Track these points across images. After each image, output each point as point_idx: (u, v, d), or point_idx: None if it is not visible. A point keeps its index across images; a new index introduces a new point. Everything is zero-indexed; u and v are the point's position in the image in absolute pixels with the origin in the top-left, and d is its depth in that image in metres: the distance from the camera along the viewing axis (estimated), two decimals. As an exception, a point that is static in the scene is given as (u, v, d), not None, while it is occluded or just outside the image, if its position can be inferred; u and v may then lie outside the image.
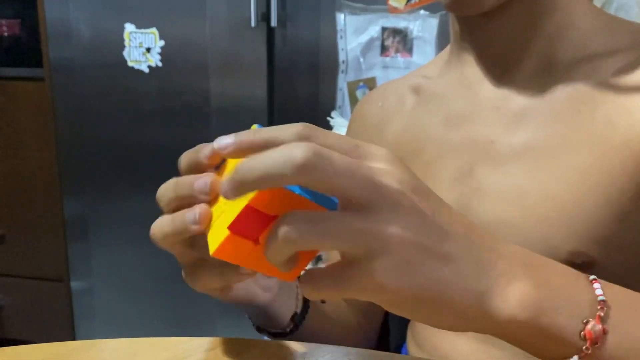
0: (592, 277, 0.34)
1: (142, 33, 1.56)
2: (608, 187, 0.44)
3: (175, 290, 1.66)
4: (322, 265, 0.34)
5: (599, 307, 0.32)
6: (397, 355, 0.44)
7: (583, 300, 0.32)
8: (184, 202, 0.35)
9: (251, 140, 0.30)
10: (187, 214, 0.33)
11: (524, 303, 0.31)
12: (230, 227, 0.31)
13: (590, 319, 0.32)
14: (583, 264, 0.45)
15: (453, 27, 0.55)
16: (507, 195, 0.48)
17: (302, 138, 0.29)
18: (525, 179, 0.48)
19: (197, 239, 0.36)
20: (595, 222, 0.44)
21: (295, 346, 0.46)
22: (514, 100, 0.50)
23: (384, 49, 1.46)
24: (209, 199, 0.34)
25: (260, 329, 0.51)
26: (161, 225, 0.35)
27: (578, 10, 0.49)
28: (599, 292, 0.33)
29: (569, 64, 0.49)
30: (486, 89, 0.52)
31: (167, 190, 0.36)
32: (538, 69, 0.50)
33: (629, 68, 0.46)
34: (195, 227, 0.33)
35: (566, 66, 0.49)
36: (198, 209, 0.33)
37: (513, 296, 0.31)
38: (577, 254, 0.45)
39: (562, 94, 0.48)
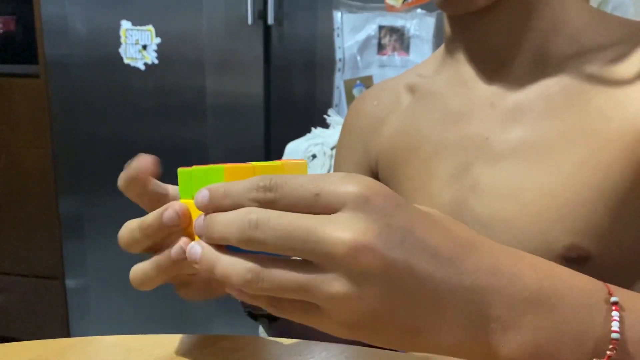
0: (613, 299, 0.31)
1: (138, 30, 1.56)
2: (603, 180, 0.44)
3: (170, 288, 1.65)
4: None
5: (610, 346, 0.30)
6: (394, 352, 0.44)
7: (593, 339, 0.30)
8: (156, 238, 0.35)
9: (216, 205, 0.30)
10: (172, 249, 0.34)
11: (522, 350, 0.29)
12: None
13: None
14: (578, 257, 0.45)
15: (445, 25, 0.55)
16: (503, 192, 0.48)
17: (256, 200, 0.29)
18: (520, 175, 0.48)
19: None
20: (590, 216, 0.45)
21: (291, 344, 0.46)
22: (509, 96, 0.50)
23: (381, 48, 1.46)
24: (184, 227, 0.35)
25: (252, 315, 0.52)
26: (143, 272, 0.36)
27: (569, 6, 0.49)
28: (614, 326, 0.30)
29: (562, 59, 0.49)
30: (481, 86, 0.52)
31: (131, 231, 0.36)
32: (531, 65, 0.50)
33: (620, 61, 0.47)
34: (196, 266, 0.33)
35: (559, 61, 0.49)
36: (181, 243, 0.34)
37: (509, 345, 0.29)
38: (572, 248, 0.45)
39: (556, 88, 0.48)
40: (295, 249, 0.27)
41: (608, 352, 0.30)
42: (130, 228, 0.36)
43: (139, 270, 0.36)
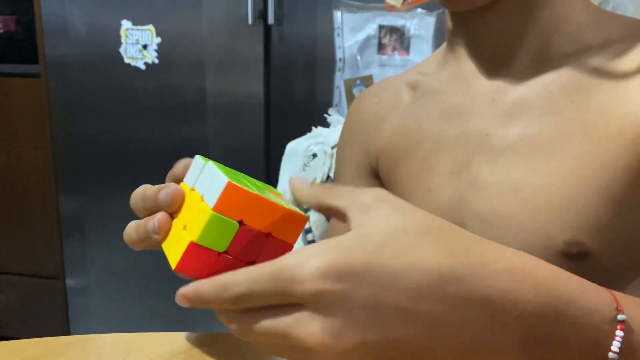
0: (620, 317, 0.31)
1: (138, 30, 1.56)
2: (603, 176, 0.44)
3: (170, 288, 1.64)
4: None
5: None
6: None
7: (594, 358, 0.30)
8: (152, 211, 0.38)
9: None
10: (148, 222, 0.36)
11: None
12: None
13: None
14: (578, 253, 0.45)
15: (448, 22, 0.55)
16: (503, 188, 0.48)
17: (230, 311, 0.31)
18: (520, 171, 0.48)
19: None
20: (591, 212, 0.45)
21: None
22: (510, 92, 0.50)
23: (381, 47, 1.46)
24: (172, 210, 0.37)
25: None
26: (129, 233, 0.38)
27: (571, 4, 0.49)
28: (614, 346, 0.30)
29: (563, 56, 0.49)
30: (482, 82, 0.52)
31: (136, 199, 0.39)
32: (532, 62, 0.50)
33: (621, 58, 0.47)
34: (156, 237, 0.36)
35: (561, 58, 0.49)
36: (157, 219, 0.36)
37: None
38: (572, 244, 0.45)
39: (557, 85, 0.48)
40: (280, 341, 0.29)
41: None
42: (135, 197, 0.39)
43: (129, 229, 0.39)
